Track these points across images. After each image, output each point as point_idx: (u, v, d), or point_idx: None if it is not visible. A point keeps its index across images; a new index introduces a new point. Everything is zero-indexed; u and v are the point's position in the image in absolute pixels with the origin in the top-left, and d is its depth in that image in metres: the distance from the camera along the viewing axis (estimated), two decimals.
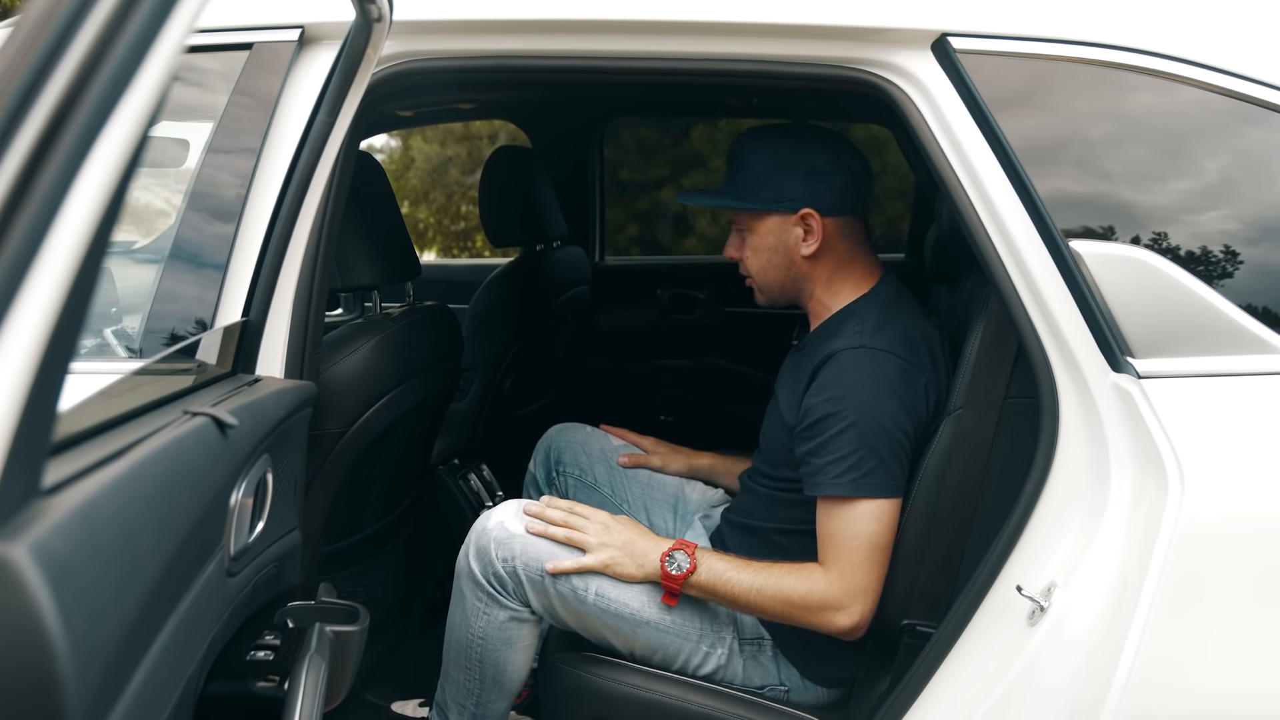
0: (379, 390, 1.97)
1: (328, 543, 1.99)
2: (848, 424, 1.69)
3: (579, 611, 1.79)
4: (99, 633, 0.63)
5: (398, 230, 2.18)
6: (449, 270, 4.59)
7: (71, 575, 0.58)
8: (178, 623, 0.96)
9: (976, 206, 1.52)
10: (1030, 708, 1.43)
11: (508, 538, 1.80)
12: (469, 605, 1.84)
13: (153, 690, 0.88)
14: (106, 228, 0.60)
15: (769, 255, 1.89)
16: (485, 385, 2.82)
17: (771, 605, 1.71)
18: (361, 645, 1.42)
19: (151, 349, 1.56)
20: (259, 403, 1.29)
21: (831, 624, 1.69)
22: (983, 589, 1.51)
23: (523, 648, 1.86)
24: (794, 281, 1.90)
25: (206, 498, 1.00)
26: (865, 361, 1.72)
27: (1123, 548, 1.40)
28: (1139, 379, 1.42)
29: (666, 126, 6.16)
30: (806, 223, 1.84)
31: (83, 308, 0.61)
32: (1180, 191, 1.53)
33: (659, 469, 2.30)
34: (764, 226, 1.87)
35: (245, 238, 1.57)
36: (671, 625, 1.79)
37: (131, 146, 0.59)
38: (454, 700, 1.91)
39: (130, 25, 0.56)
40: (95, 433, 0.87)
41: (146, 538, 0.77)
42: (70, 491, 0.65)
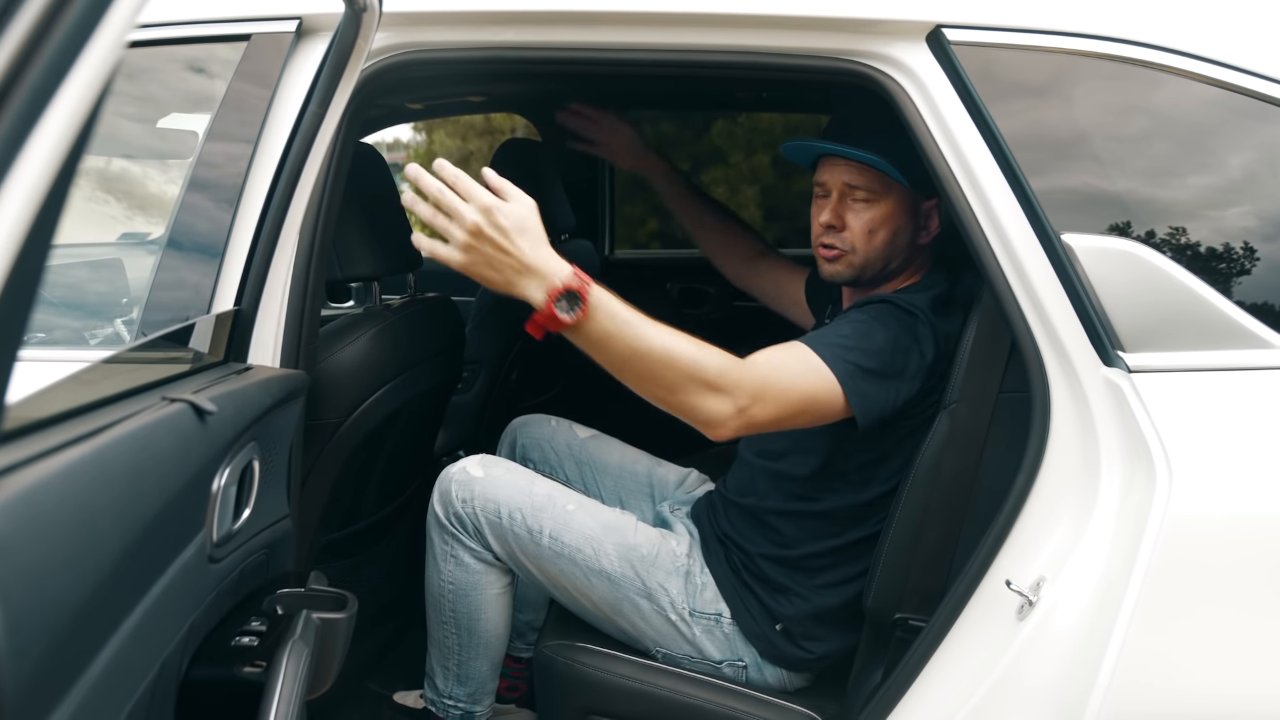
0: (377, 381, 1.98)
1: (327, 532, 2.01)
2: (854, 319, 1.70)
3: (536, 558, 1.83)
4: (42, 611, 0.63)
5: (399, 222, 2.19)
6: None
7: (11, 554, 0.59)
8: (151, 605, 0.97)
9: (970, 200, 1.52)
10: (1017, 702, 1.42)
11: (468, 480, 1.86)
12: (437, 551, 1.91)
13: (123, 669, 0.89)
14: (48, 219, 0.60)
15: (888, 233, 1.81)
16: (491, 378, 2.83)
17: (666, 371, 1.48)
18: (349, 633, 1.42)
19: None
20: (244, 390, 1.30)
21: (712, 405, 1.50)
22: (973, 583, 1.51)
23: (493, 596, 1.90)
24: (898, 265, 1.86)
25: (179, 483, 1.01)
26: (887, 306, 1.74)
27: (1111, 542, 1.39)
28: (1129, 373, 1.41)
29: (687, 121, 6.14)
30: (928, 214, 1.84)
31: (24, 302, 0.61)
32: (1177, 186, 1.51)
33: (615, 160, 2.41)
34: (899, 205, 1.81)
35: (240, 227, 1.58)
36: (623, 577, 1.82)
37: (69, 141, 0.60)
38: (439, 664, 1.95)
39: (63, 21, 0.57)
40: (68, 417, 0.88)
41: (105, 520, 0.78)
42: (20, 475, 0.66)
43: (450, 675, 1.94)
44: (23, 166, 0.57)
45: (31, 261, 0.58)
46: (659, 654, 1.86)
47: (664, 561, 1.85)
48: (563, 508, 1.85)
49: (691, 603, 1.84)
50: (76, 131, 0.60)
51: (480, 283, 1.43)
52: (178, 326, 1.51)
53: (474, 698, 1.96)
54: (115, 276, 2.16)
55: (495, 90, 3.05)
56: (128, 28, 0.61)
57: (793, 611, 1.81)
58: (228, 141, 1.66)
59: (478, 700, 1.97)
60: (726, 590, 1.85)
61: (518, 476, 1.88)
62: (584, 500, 1.90)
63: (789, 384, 1.60)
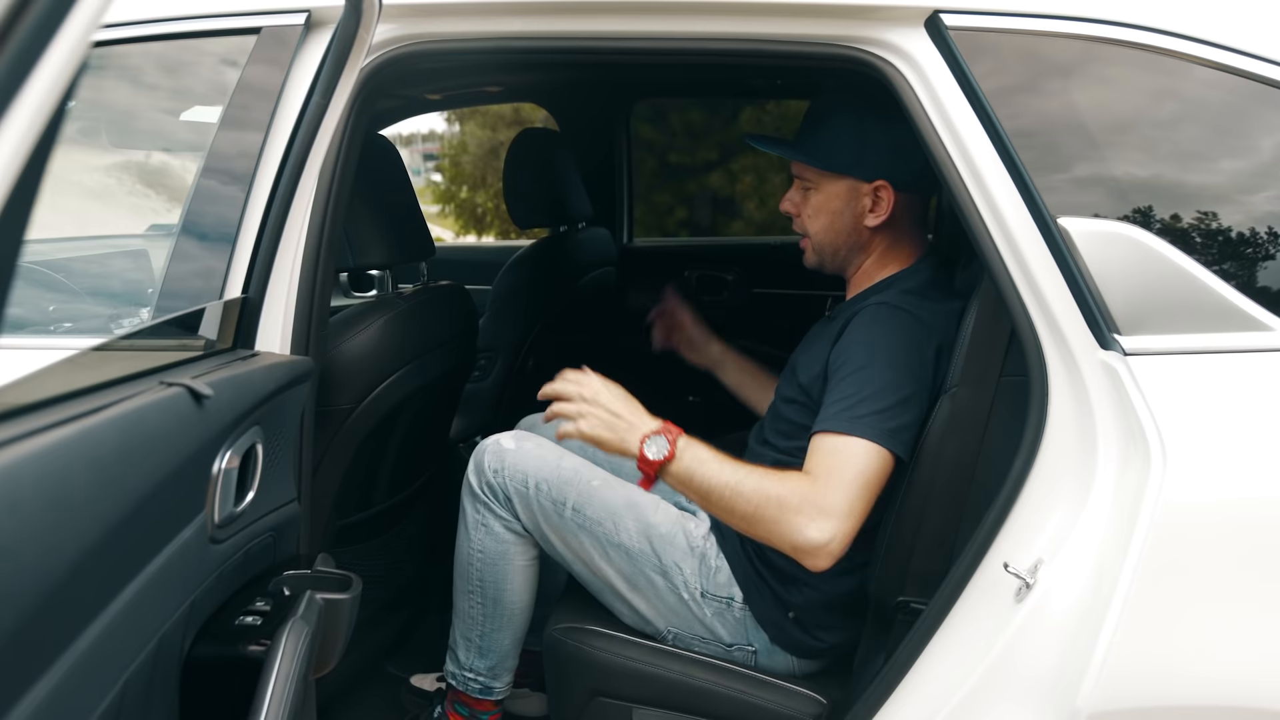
0: (388, 367, 2.01)
1: (340, 517, 2.04)
2: (855, 368, 1.71)
3: (558, 528, 1.88)
4: (13, 581, 0.66)
5: (411, 211, 2.22)
6: (472, 251, 4.63)
7: None
8: (147, 581, 1.00)
9: (968, 185, 1.52)
10: (1015, 683, 1.43)
11: (500, 451, 1.92)
12: (469, 519, 1.96)
13: (115, 642, 0.92)
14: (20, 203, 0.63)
15: (831, 219, 1.89)
16: (508, 365, 2.86)
17: (745, 506, 1.64)
18: (353, 613, 1.45)
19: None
20: (246, 375, 1.33)
21: (800, 533, 1.60)
22: (971, 566, 1.51)
23: (520, 567, 1.95)
24: (850, 249, 1.92)
25: (174, 465, 1.04)
26: (888, 316, 1.76)
27: (1107, 525, 1.39)
28: (1125, 356, 1.41)
29: (715, 110, 6.15)
30: (878, 194, 1.86)
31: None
32: (1175, 170, 1.51)
33: (686, 354, 2.42)
34: (834, 189, 1.88)
35: (250, 217, 1.61)
36: (640, 552, 1.86)
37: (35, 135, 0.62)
38: (462, 636, 1.99)
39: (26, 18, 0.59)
40: (60, 401, 0.91)
41: (87, 499, 0.80)
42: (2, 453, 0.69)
43: (472, 647, 1.99)
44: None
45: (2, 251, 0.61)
46: (670, 634, 1.88)
47: (680, 541, 1.88)
48: (587, 482, 1.90)
49: (704, 584, 1.86)
50: (42, 126, 0.62)
51: (599, 446, 1.73)
52: (185, 312, 1.54)
53: (494, 672, 2.00)
54: (142, 266, 2.21)
55: (506, 80, 3.08)
56: (92, 26, 0.64)
57: (803, 600, 1.83)
58: (238, 132, 1.69)
59: (497, 676, 2.00)
60: (740, 575, 1.87)
61: (547, 451, 1.93)
62: (609, 477, 1.94)
63: (840, 472, 1.64)
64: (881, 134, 1.84)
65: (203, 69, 1.89)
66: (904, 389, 1.69)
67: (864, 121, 1.86)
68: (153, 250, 2.22)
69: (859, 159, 1.85)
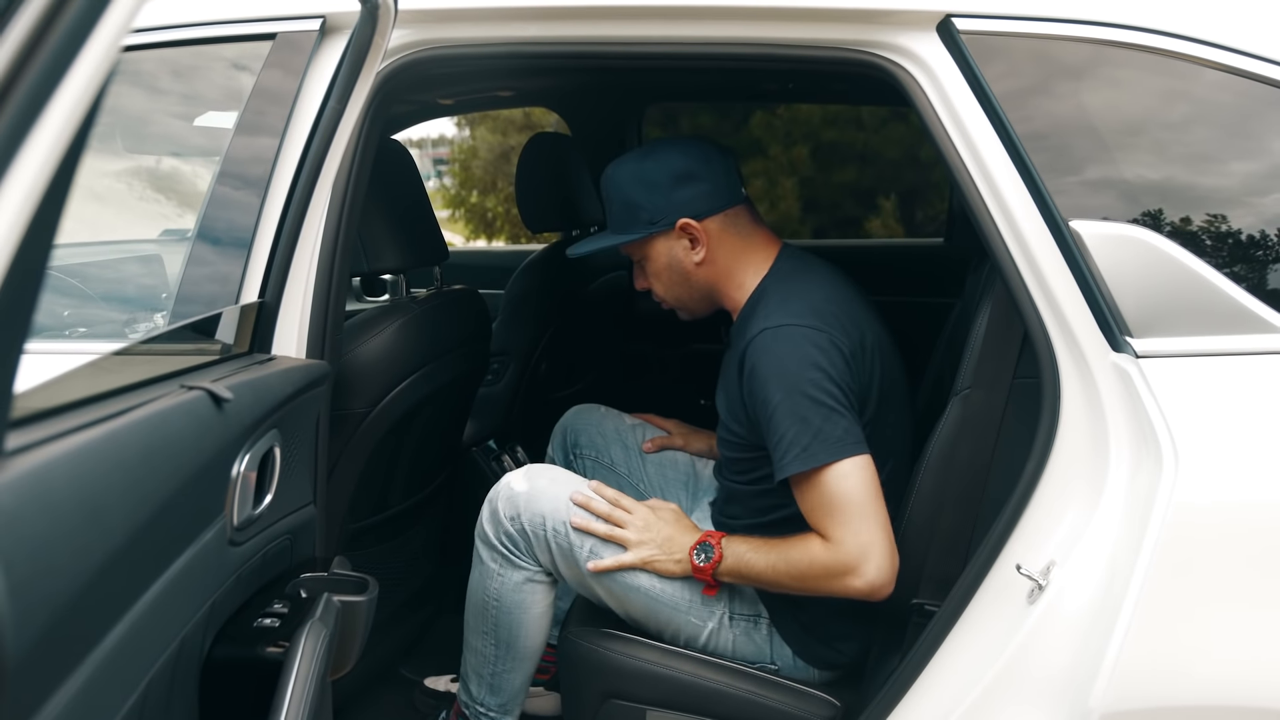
0: (403, 372, 2.02)
1: (356, 520, 2.06)
2: (774, 405, 1.69)
3: (576, 570, 1.85)
4: (47, 582, 0.67)
5: (424, 216, 2.23)
6: (484, 256, 4.64)
7: (17, 526, 0.63)
8: (169, 583, 1.01)
9: (980, 188, 1.53)
10: (1027, 684, 1.44)
11: (513, 495, 1.88)
12: (485, 568, 1.92)
13: (139, 644, 0.93)
14: (52, 206, 0.64)
15: (668, 275, 1.93)
16: (520, 369, 2.87)
17: (790, 581, 1.71)
18: (370, 615, 1.46)
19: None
20: (264, 379, 1.34)
21: (849, 588, 1.65)
22: (984, 568, 1.52)
23: (537, 614, 1.92)
24: (700, 290, 1.93)
25: (195, 467, 1.05)
26: (771, 342, 1.73)
27: (1119, 527, 1.40)
28: (1137, 358, 1.41)
29: (726, 113, 6.14)
30: (688, 232, 1.86)
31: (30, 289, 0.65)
32: (1187, 173, 1.51)
33: (681, 448, 2.34)
34: (653, 251, 1.91)
35: (266, 222, 1.62)
36: (662, 594, 1.83)
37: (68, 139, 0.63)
38: (473, 670, 1.97)
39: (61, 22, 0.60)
40: (85, 404, 0.92)
41: (115, 500, 0.82)
42: (30, 455, 0.70)
43: (484, 684, 1.97)
44: (22, 162, 0.60)
45: (33, 254, 0.62)
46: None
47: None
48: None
49: (731, 606, 1.86)
50: (75, 129, 0.63)
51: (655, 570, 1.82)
52: (202, 317, 1.55)
53: (505, 708, 1.98)
54: (156, 272, 2.23)
55: (519, 85, 3.09)
56: (124, 30, 0.65)
57: (814, 610, 1.82)
58: (254, 138, 1.70)
59: (508, 710, 1.99)
60: (764, 592, 1.86)
61: (561, 488, 1.89)
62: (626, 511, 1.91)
63: (835, 511, 1.66)
64: (656, 180, 1.86)
65: (218, 75, 1.91)
66: (825, 399, 1.67)
67: (638, 177, 1.88)
68: (166, 255, 2.24)
69: (651, 213, 1.86)
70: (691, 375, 3.66)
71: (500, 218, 10.76)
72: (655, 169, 1.87)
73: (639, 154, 1.93)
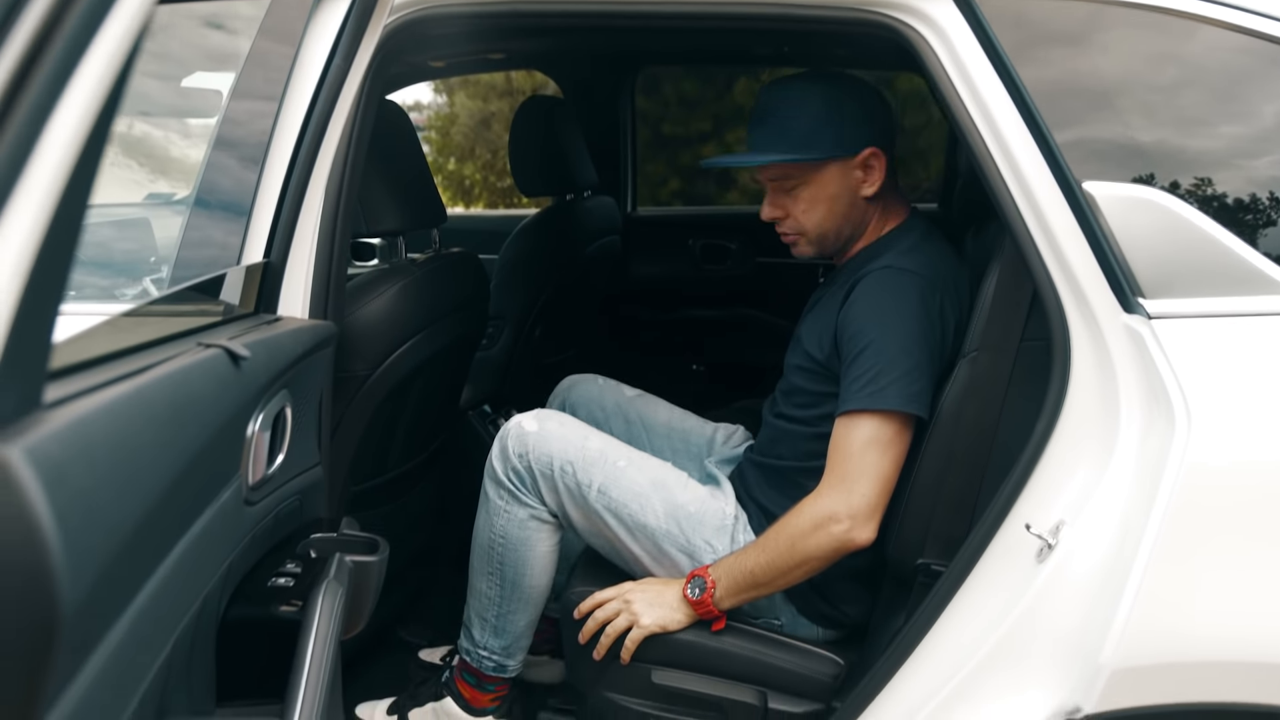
0: (404, 334, 2.01)
1: (355, 482, 2.05)
2: (868, 340, 1.72)
3: (584, 509, 1.87)
4: (93, 536, 0.66)
5: (422, 177, 2.21)
6: (478, 221, 4.62)
7: (65, 479, 0.62)
8: (190, 544, 1.00)
9: (991, 150, 1.52)
10: (1036, 643, 1.45)
11: (523, 434, 1.90)
12: (491, 505, 1.93)
13: (167, 603, 0.93)
14: (96, 145, 0.62)
15: (830, 204, 1.87)
16: (515, 333, 2.86)
17: (788, 557, 1.71)
18: (381, 575, 1.46)
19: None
20: (276, 339, 1.33)
21: (831, 536, 1.67)
22: (993, 527, 1.53)
23: (542, 553, 1.93)
24: (851, 226, 1.91)
25: (216, 425, 1.04)
26: (890, 279, 1.76)
27: (1130, 487, 1.41)
28: (1149, 319, 1.41)
29: (709, 79, 6.09)
30: (869, 163, 1.85)
31: (71, 234, 0.64)
32: (1202, 135, 1.52)
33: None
34: (824, 176, 1.85)
35: (268, 183, 1.60)
36: (667, 533, 1.85)
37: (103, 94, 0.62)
38: (477, 614, 1.98)
39: None
40: (108, 360, 0.91)
41: (147, 455, 0.81)
42: (68, 407, 0.69)
43: (488, 627, 1.97)
44: (58, 120, 0.59)
45: (74, 203, 0.61)
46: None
47: (710, 519, 1.88)
48: (613, 463, 1.88)
49: None
50: (110, 84, 0.62)
51: (668, 629, 1.80)
52: (208, 278, 1.54)
53: (508, 651, 1.99)
54: (143, 236, 2.20)
55: (514, 47, 3.06)
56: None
57: (824, 572, 1.83)
58: (253, 98, 1.68)
59: (511, 654, 2.00)
60: None
61: (571, 431, 1.91)
62: (635, 456, 1.92)
63: (852, 460, 1.70)
64: (853, 102, 1.84)
65: (204, 34, 1.88)
66: (916, 352, 1.71)
67: (828, 98, 1.84)
68: (155, 219, 2.21)
69: (840, 136, 1.83)
70: (685, 341, 3.66)
71: (478, 185, 10.68)
72: (850, 94, 1.85)
73: (820, 77, 1.89)
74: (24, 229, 0.58)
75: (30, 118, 0.58)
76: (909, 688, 1.56)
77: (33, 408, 0.65)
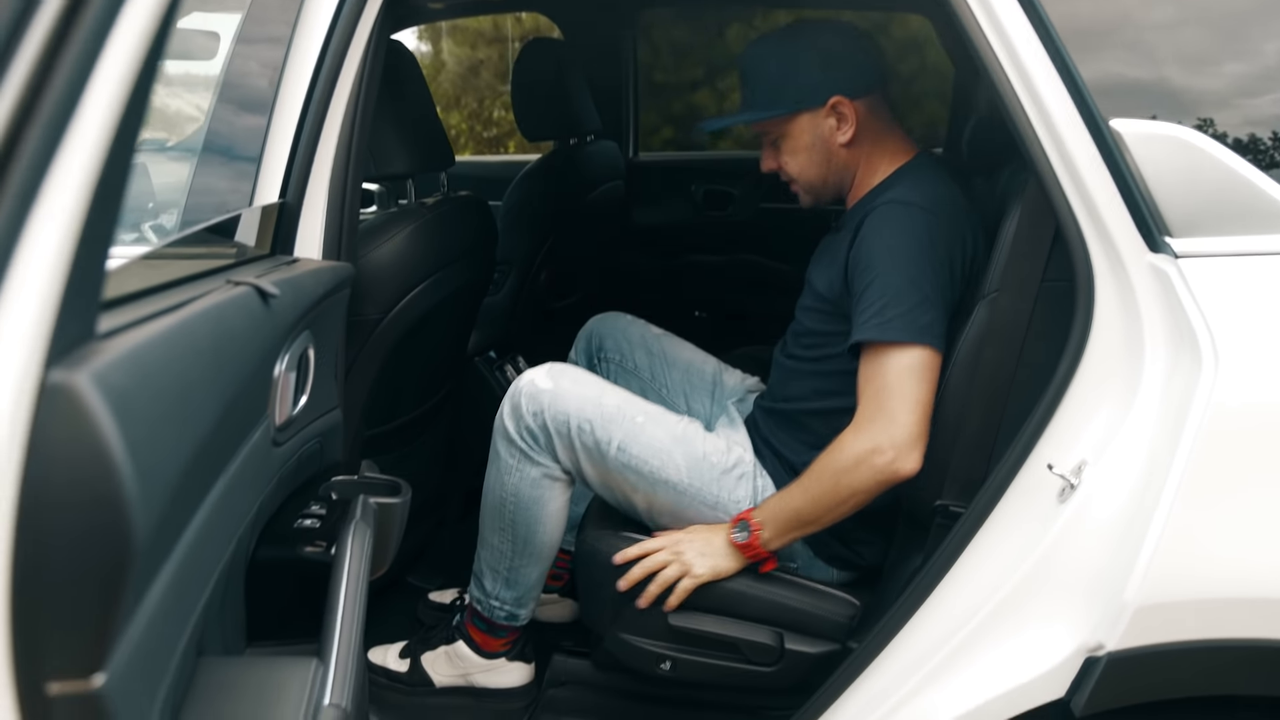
0: (415, 277, 1.99)
1: (367, 428, 2.04)
2: (876, 274, 1.71)
3: (602, 466, 1.86)
4: (158, 467, 0.65)
5: (430, 120, 2.18)
6: (482, 167, 4.58)
7: (131, 407, 0.61)
8: (227, 484, 0.99)
9: (1015, 85, 1.50)
10: (1057, 583, 1.45)
11: (536, 392, 1.87)
12: (503, 463, 1.91)
13: (206, 544, 0.92)
14: (148, 76, 0.61)
15: (807, 154, 1.90)
16: (519, 279, 2.84)
17: (833, 495, 1.71)
18: (404, 518, 1.46)
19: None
20: (299, 279, 1.32)
21: (875, 468, 1.66)
22: (1014, 468, 1.52)
23: (553, 510, 1.92)
24: (837, 173, 1.92)
25: (251, 364, 1.03)
26: (896, 214, 1.76)
27: (1154, 427, 1.40)
28: (1176, 259, 1.41)
29: (701, 27, 6.02)
30: (838, 110, 1.86)
31: (126, 162, 0.62)
32: (1230, 72, 1.50)
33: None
34: (796, 128, 1.89)
35: (279, 125, 1.58)
36: (689, 487, 1.85)
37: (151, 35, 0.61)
38: (488, 566, 1.98)
39: None
40: (142, 295, 0.90)
41: (198, 390, 0.80)
42: (123, 337, 0.67)
43: (499, 579, 1.97)
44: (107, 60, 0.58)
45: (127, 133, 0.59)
46: None
47: (732, 470, 1.88)
48: (632, 419, 1.87)
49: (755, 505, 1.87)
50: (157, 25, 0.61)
51: (718, 576, 1.80)
52: (223, 218, 1.52)
53: (520, 601, 1.99)
54: (141, 182, 2.17)
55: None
56: None
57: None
58: (260, 41, 1.65)
59: (523, 604, 2.00)
60: (782, 488, 1.87)
61: (586, 388, 1.89)
62: (651, 410, 1.91)
63: (883, 391, 1.69)
64: (810, 53, 1.85)
65: None
66: (925, 286, 1.70)
67: (786, 53, 1.86)
68: (150, 165, 2.17)
69: (800, 89, 1.86)
70: (688, 287, 3.65)
71: (464, 134, 10.58)
72: (805, 46, 1.86)
73: (785, 32, 1.91)
74: (86, 154, 0.57)
75: (79, 63, 0.57)
76: (929, 626, 1.56)
77: (89, 337, 0.64)
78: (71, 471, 0.56)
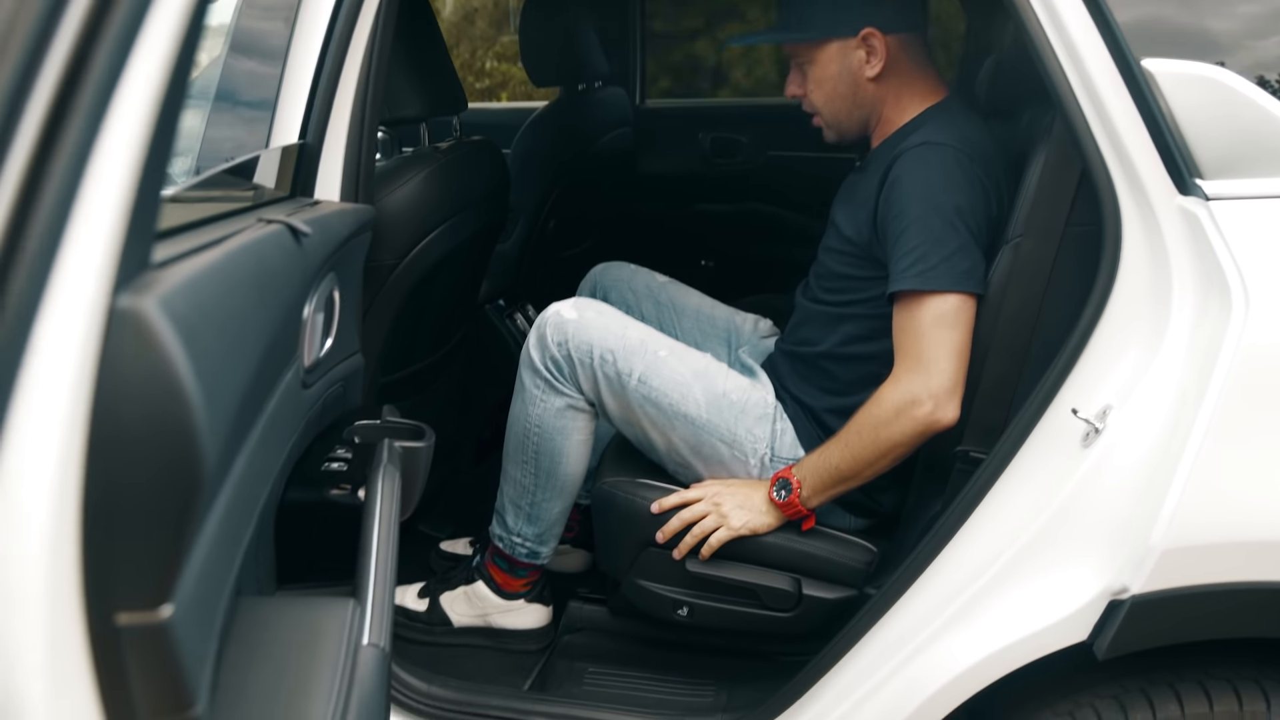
0: (430, 223, 1.98)
1: (384, 374, 2.03)
2: (911, 219, 1.69)
3: (622, 398, 1.86)
4: (219, 397, 0.65)
5: (443, 63, 2.16)
6: (490, 114, 4.53)
7: (195, 336, 0.60)
8: (265, 424, 0.98)
9: (1044, 24, 1.48)
10: (1081, 528, 1.45)
11: (561, 322, 1.87)
12: (528, 394, 1.92)
13: (249, 484, 0.91)
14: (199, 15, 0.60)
15: (833, 84, 1.87)
16: (529, 227, 2.83)
17: (873, 449, 1.70)
18: (428, 462, 1.45)
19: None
20: (326, 218, 1.30)
21: (916, 420, 1.66)
22: (1037, 413, 1.52)
23: (577, 441, 1.93)
24: (861, 108, 1.89)
25: (287, 303, 1.02)
26: (929, 155, 1.73)
27: (1181, 370, 1.40)
28: (1207, 201, 1.39)
29: None
30: (869, 43, 1.82)
31: (182, 90, 0.61)
32: (1263, 10, 1.48)
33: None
34: (824, 56, 1.86)
35: (295, 66, 1.55)
36: (708, 423, 1.85)
37: None
38: (511, 501, 1.98)
39: None
40: (180, 230, 0.88)
41: (247, 324, 0.79)
42: (177, 267, 0.66)
43: (521, 514, 1.98)
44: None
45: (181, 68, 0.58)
46: None
47: (752, 409, 1.87)
48: (654, 352, 1.87)
49: (774, 448, 1.87)
50: None
51: (754, 531, 1.81)
52: (242, 159, 1.50)
53: (541, 538, 2.00)
54: None
55: None
56: None
57: None
58: None
59: (544, 541, 2.00)
60: (804, 437, 1.88)
61: (610, 320, 1.89)
62: (675, 346, 1.91)
63: (922, 341, 1.67)
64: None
65: None
66: (963, 230, 1.69)
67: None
68: None
69: (836, 16, 1.83)
70: (695, 236, 3.63)
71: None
72: None
73: None
74: (147, 81, 0.56)
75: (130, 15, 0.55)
76: (950, 571, 1.57)
77: (146, 266, 0.63)
78: (144, 398, 0.55)
